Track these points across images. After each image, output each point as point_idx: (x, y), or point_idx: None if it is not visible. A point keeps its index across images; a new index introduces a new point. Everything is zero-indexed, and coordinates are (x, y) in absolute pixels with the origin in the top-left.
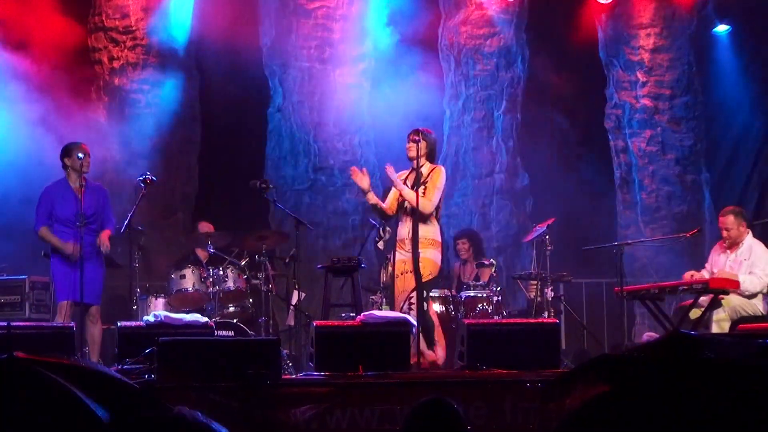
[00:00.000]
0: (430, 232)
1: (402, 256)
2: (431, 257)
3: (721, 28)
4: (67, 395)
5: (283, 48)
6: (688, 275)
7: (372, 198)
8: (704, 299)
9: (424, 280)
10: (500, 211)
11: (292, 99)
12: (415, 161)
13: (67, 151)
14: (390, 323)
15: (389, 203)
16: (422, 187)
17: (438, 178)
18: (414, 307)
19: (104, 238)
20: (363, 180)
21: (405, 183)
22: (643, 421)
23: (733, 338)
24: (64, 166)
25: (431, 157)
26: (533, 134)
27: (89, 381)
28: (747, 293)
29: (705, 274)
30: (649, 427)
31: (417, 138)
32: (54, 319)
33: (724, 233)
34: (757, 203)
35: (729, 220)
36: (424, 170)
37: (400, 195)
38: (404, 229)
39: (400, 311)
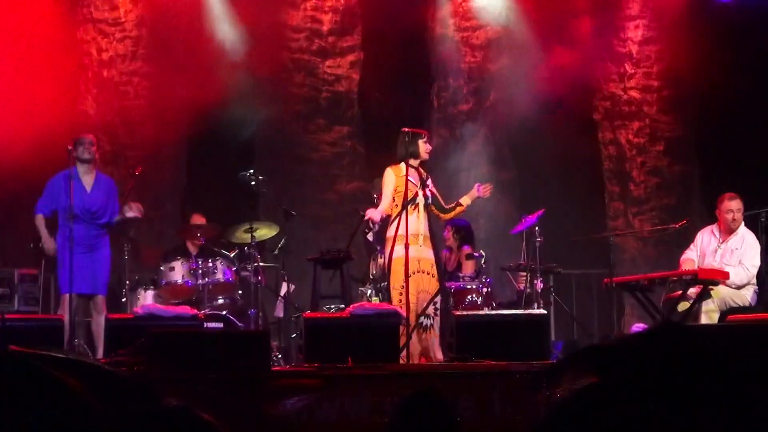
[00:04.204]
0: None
1: (414, 253)
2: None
3: None
4: (62, 388)
5: (272, 38)
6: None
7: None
8: (693, 291)
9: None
10: (488, 202)
11: (282, 90)
12: (420, 161)
13: (74, 142)
14: (379, 315)
15: (388, 203)
16: (428, 187)
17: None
18: (439, 312)
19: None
20: (374, 214)
21: (408, 180)
22: (632, 412)
23: (723, 329)
24: (72, 158)
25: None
26: (522, 125)
27: (81, 373)
28: (734, 286)
29: (693, 255)
30: (638, 418)
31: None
32: (55, 312)
33: (733, 216)
34: (746, 195)
35: (738, 204)
36: (422, 170)
37: (406, 189)
38: (416, 223)
39: (422, 313)
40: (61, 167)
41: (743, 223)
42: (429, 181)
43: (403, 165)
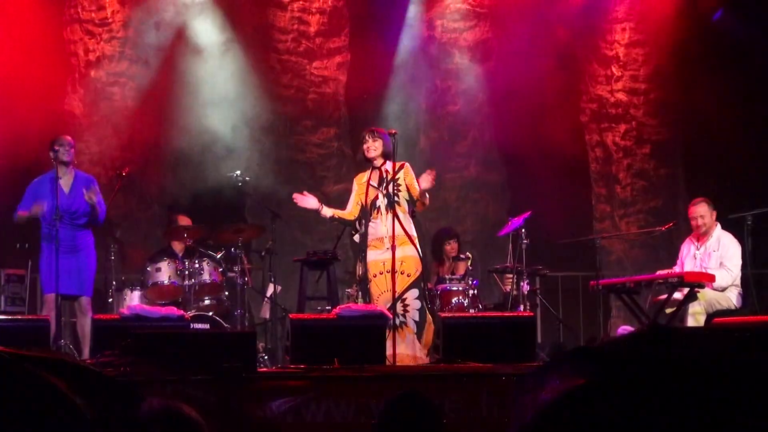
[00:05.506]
0: (409, 227)
1: (379, 256)
2: (414, 254)
3: None
4: (48, 388)
5: (259, 40)
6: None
7: (327, 212)
8: (678, 295)
9: (414, 278)
10: (476, 204)
11: (270, 91)
12: (375, 160)
13: (50, 144)
14: (366, 316)
15: (351, 208)
16: (393, 185)
17: (413, 175)
18: (410, 308)
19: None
20: (308, 202)
21: (369, 184)
22: (617, 414)
23: (709, 331)
24: (53, 159)
25: (388, 156)
26: (509, 127)
27: (69, 374)
28: (719, 288)
29: (676, 270)
30: (624, 419)
31: (376, 137)
32: (40, 312)
33: (696, 222)
34: (732, 198)
35: (701, 209)
36: (388, 168)
37: (366, 195)
38: (381, 227)
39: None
40: (47, 168)
41: (719, 225)
42: (401, 174)
43: (367, 171)
